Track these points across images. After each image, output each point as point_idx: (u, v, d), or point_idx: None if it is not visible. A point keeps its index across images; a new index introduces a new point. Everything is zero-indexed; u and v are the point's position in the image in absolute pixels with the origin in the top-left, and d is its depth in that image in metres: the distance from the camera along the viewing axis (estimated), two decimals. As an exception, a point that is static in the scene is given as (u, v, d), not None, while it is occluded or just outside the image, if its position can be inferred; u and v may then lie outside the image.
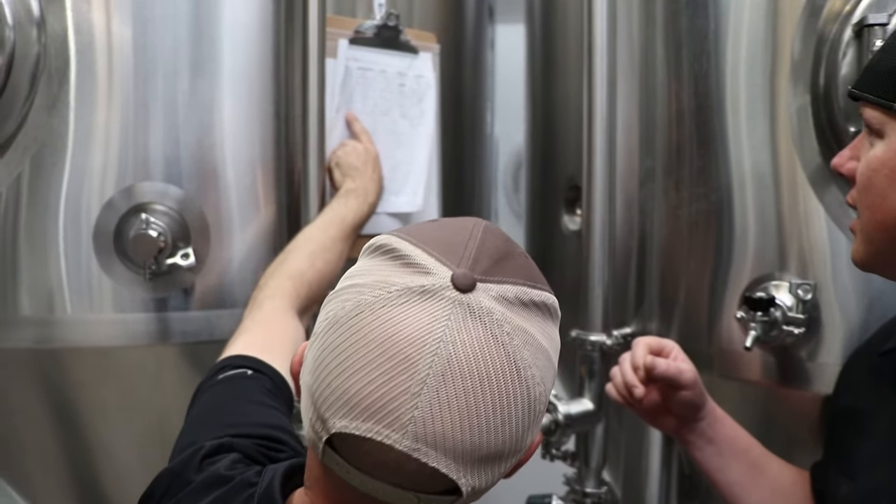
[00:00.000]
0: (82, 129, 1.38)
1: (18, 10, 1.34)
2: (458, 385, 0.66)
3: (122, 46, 1.40)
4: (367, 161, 1.47)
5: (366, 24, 1.52)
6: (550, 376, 0.73)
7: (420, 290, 0.68)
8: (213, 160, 1.45)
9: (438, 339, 0.66)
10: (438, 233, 0.75)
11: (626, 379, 1.19)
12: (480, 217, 1.89)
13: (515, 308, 0.70)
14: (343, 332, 0.69)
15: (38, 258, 1.39)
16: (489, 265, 0.72)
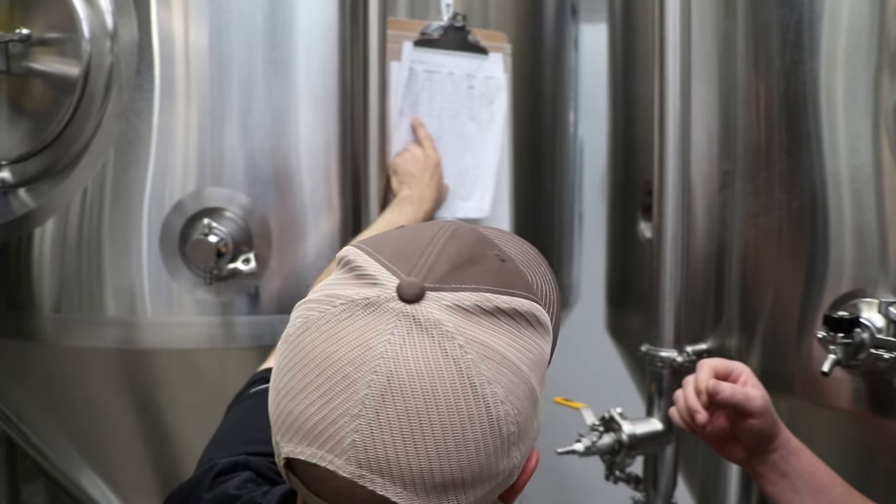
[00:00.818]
0: (162, 134, 1.40)
1: (94, 24, 1.37)
2: (399, 405, 0.59)
3: (198, 52, 1.41)
4: (426, 168, 1.42)
5: (432, 25, 1.47)
6: (521, 392, 0.64)
7: (364, 304, 0.62)
8: (284, 165, 1.44)
9: (378, 356, 0.60)
10: (398, 241, 0.69)
11: (689, 403, 1.09)
12: (562, 222, 1.84)
13: (474, 317, 0.63)
14: (290, 351, 0.64)
15: (120, 260, 1.42)
16: (446, 272, 0.65)
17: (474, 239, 0.70)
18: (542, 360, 0.68)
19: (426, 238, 0.68)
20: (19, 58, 1.42)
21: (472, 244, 0.69)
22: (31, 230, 1.45)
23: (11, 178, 1.47)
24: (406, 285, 0.62)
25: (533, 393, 0.65)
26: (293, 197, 1.45)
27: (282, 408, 0.63)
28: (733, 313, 1.35)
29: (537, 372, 0.66)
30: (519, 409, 0.63)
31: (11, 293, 1.48)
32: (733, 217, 1.33)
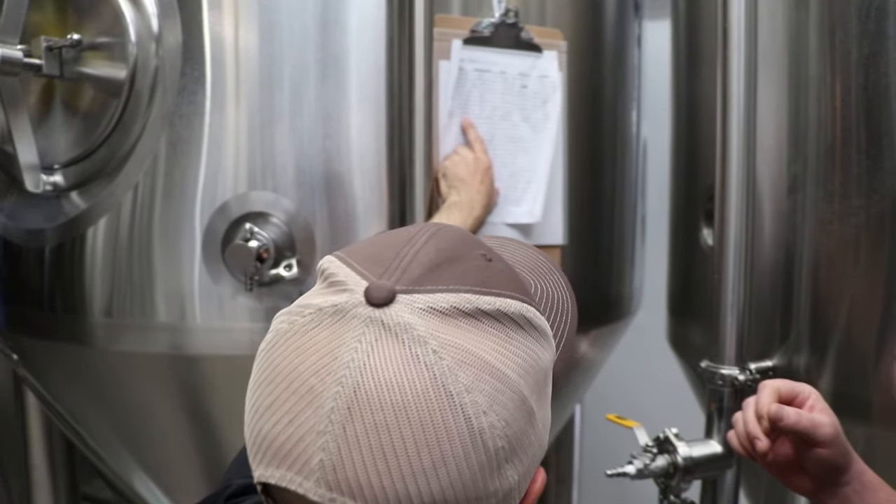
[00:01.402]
0: (211, 136, 1.38)
1: (140, 28, 1.36)
2: (368, 419, 0.53)
3: (248, 53, 1.38)
4: (476, 172, 1.35)
5: (483, 22, 1.40)
6: (509, 402, 0.57)
7: (332, 311, 0.57)
8: (332, 169, 1.40)
9: (344, 366, 0.54)
10: (375, 245, 0.64)
11: (748, 429, 0.99)
12: (623, 226, 1.75)
13: (451, 320, 0.57)
14: (260, 366, 0.59)
15: (171, 264, 1.40)
16: (421, 273, 0.59)
17: (457, 237, 0.64)
18: (536, 367, 0.60)
19: (404, 239, 0.62)
20: (71, 63, 1.42)
21: (454, 242, 0.63)
22: (83, 231, 1.45)
23: (63, 181, 1.47)
24: (374, 288, 0.57)
25: (525, 403, 0.58)
26: (340, 202, 1.40)
27: (252, 428, 0.58)
28: (803, 329, 1.24)
29: (530, 380, 0.59)
30: (507, 420, 0.57)
31: (66, 296, 1.49)
32: (803, 224, 1.23)
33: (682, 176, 1.61)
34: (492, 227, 1.44)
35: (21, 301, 1.56)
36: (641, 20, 1.82)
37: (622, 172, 1.75)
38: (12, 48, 1.36)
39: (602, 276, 1.72)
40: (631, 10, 1.76)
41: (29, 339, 1.58)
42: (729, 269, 1.21)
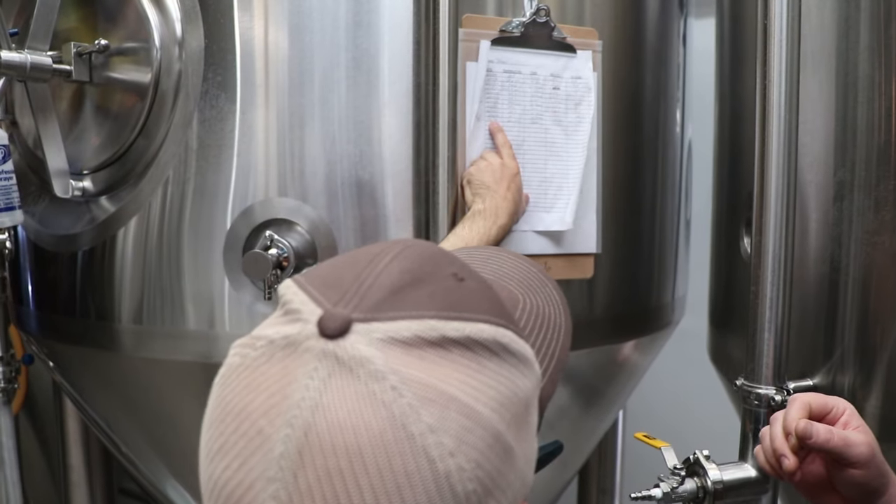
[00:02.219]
0: (241, 140, 1.36)
1: (164, 32, 1.35)
2: (320, 465, 0.49)
3: (277, 55, 1.36)
4: (502, 178, 1.30)
5: (513, 22, 1.35)
6: (479, 441, 0.52)
7: (283, 344, 0.53)
8: (361, 175, 1.36)
9: (295, 405, 0.50)
10: (336, 266, 0.59)
11: (775, 445, 0.93)
12: (664, 231, 1.67)
13: (414, 351, 0.52)
14: (212, 402, 0.56)
15: (199, 271, 1.38)
16: (382, 297, 0.54)
17: (425, 255, 0.59)
18: (514, 399, 0.55)
19: (366, 259, 0.57)
20: (100, 68, 1.43)
21: (422, 261, 0.58)
22: (112, 236, 1.45)
23: (93, 186, 1.48)
24: (327, 318, 0.52)
25: (500, 440, 0.53)
26: (367, 208, 1.37)
27: (204, 470, 0.55)
28: (848, 347, 1.16)
29: (506, 413, 0.54)
30: (478, 461, 0.52)
31: (96, 302, 1.49)
32: (850, 234, 1.15)
33: (725, 181, 1.53)
34: (521, 234, 1.39)
35: (52, 307, 1.57)
36: (687, 18, 1.75)
37: (664, 175, 1.68)
38: (42, 55, 1.38)
39: (641, 284, 1.65)
40: (675, 8, 1.69)
41: (61, 344, 1.60)
42: (767, 283, 1.14)
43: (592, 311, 1.55)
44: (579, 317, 1.53)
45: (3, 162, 1.48)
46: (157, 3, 1.37)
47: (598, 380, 1.70)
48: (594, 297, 1.55)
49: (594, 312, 1.56)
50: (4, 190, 1.48)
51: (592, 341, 1.59)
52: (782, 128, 1.12)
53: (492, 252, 0.89)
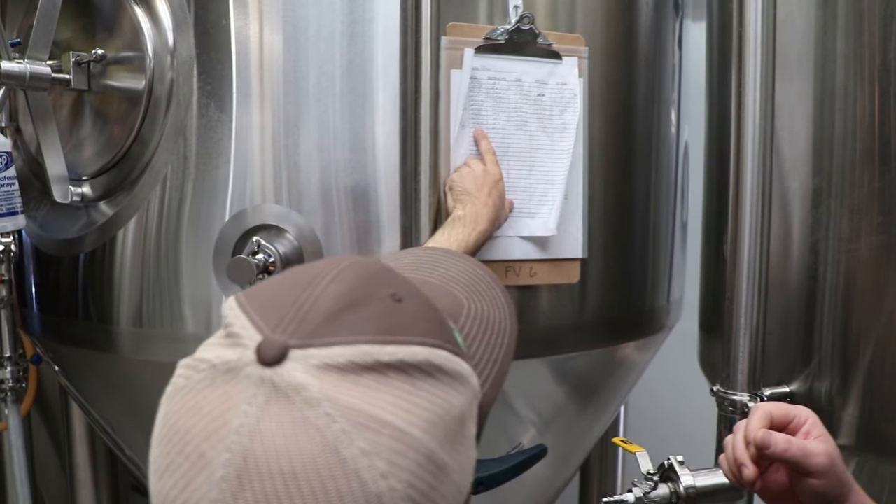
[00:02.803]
0: (237, 146, 1.39)
1: (156, 42, 1.39)
2: (257, 489, 0.52)
3: (272, 63, 1.39)
4: (484, 184, 1.32)
5: (498, 29, 1.38)
6: (411, 463, 0.55)
7: (224, 369, 0.56)
8: (355, 182, 1.38)
9: (234, 431, 0.53)
10: (277, 287, 0.61)
11: (736, 454, 0.94)
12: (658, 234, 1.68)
13: (349, 377, 0.54)
14: (160, 420, 0.59)
15: (197, 275, 1.42)
16: (319, 323, 0.57)
17: (364, 276, 0.61)
18: (448, 416, 0.58)
19: (305, 281, 0.60)
20: (98, 77, 1.47)
21: (359, 283, 0.60)
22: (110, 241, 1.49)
23: (91, 191, 1.53)
24: (265, 345, 0.55)
25: (433, 459, 0.56)
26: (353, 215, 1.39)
27: (153, 486, 0.58)
28: (825, 355, 1.17)
29: (439, 433, 0.57)
30: (409, 481, 0.55)
31: (96, 305, 1.54)
32: (826, 242, 1.15)
33: (714, 184, 1.54)
34: (506, 240, 1.41)
35: (55, 309, 1.62)
36: (683, 21, 1.76)
37: (657, 178, 1.69)
38: (41, 64, 1.42)
39: (634, 288, 1.66)
40: (670, 11, 1.70)
41: (63, 346, 1.65)
42: (742, 289, 1.15)
43: (584, 315, 1.57)
44: (571, 320, 1.56)
45: (6, 168, 1.53)
46: (150, 13, 1.41)
47: (593, 380, 1.71)
48: (586, 300, 1.56)
49: (585, 316, 1.57)
50: (7, 195, 1.53)
51: (584, 344, 1.61)
52: (757, 135, 1.13)
53: (440, 255, 0.92)
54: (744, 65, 1.13)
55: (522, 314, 1.49)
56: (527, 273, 1.42)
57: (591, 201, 1.53)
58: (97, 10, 1.47)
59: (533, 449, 1.37)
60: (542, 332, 1.53)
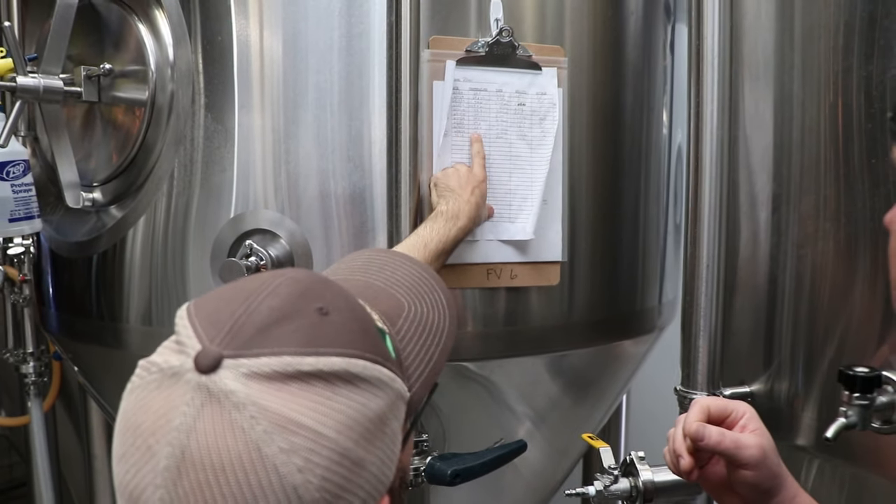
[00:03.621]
0: (239, 154, 1.49)
1: (158, 56, 1.50)
2: (192, 479, 0.61)
3: (273, 76, 1.48)
4: (467, 183, 1.39)
5: (479, 42, 1.45)
6: (325, 460, 0.63)
7: (170, 373, 0.65)
8: (346, 190, 1.47)
9: (175, 428, 0.62)
10: (220, 299, 0.70)
11: (675, 446, 1.00)
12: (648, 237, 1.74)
13: (273, 384, 0.63)
14: (120, 413, 0.68)
15: (200, 279, 1.51)
16: (251, 336, 0.66)
17: (297, 292, 0.70)
18: (364, 418, 0.67)
19: (244, 296, 0.69)
20: (107, 89, 1.59)
21: (291, 299, 0.69)
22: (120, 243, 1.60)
23: (102, 197, 1.64)
24: (202, 355, 0.64)
25: (347, 455, 0.65)
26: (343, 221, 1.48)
27: (113, 470, 0.68)
28: (785, 357, 1.22)
29: (354, 433, 0.66)
30: (323, 475, 0.63)
31: (107, 304, 1.65)
32: (784, 246, 1.20)
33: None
34: (486, 243, 1.48)
35: (70, 308, 1.75)
36: (675, 25, 1.81)
37: (647, 182, 1.74)
38: (54, 78, 1.54)
39: (623, 290, 1.72)
40: (660, 17, 1.75)
41: (78, 343, 1.77)
42: (700, 293, 1.21)
43: (572, 316, 1.64)
44: (560, 320, 1.63)
45: (23, 175, 1.66)
46: (152, 29, 1.51)
47: (585, 376, 1.78)
48: (574, 302, 1.63)
49: (574, 317, 1.64)
50: (24, 200, 1.66)
51: (573, 344, 1.68)
52: (714, 143, 1.19)
53: (390, 258, 1.01)
54: (702, 74, 1.19)
55: (514, 315, 1.57)
56: (507, 276, 1.49)
57: (578, 206, 1.60)
58: (105, 27, 1.58)
59: (511, 444, 1.45)
60: (532, 332, 1.61)
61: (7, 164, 1.62)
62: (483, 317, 1.55)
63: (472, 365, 1.58)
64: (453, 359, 1.48)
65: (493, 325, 1.56)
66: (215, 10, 1.47)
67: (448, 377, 1.53)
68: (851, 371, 0.97)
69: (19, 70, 1.51)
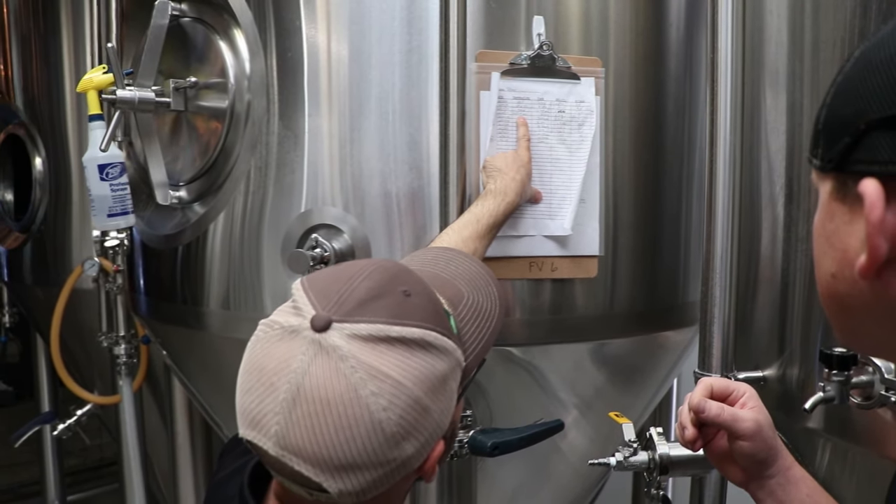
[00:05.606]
0: (309, 156, 1.71)
1: (237, 70, 1.74)
2: (303, 408, 0.84)
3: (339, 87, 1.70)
4: (513, 164, 1.58)
5: (522, 55, 1.64)
6: (403, 403, 0.86)
7: (290, 330, 0.88)
8: (412, 188, 1.67)
9: (293, 371, 0.85)
10: (328, 279, 0.93)
11: (681, 419, 1.16)
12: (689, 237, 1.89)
13: (368, 344, 0.86)
14: (246, 357, 0.91)
15: (272, 267, 1.74)
16: (352, 307, 0.88)
17: (386, 277, 0.93)
18: (432, 376, 0.89)
19: (346, 277, 0.92)
20: (192, 99, 1.84)
21: (383, 283, 0.92)
22: (203, 233, 1.84)
23: (187, 195, 1.89)
24: (316, 319, 0.87)
25: (419, 402, 0.88)
26: (406, 217, 1.68)
27: (238, 401, 0.91)
28: (795, 342, 1.36)
29: (425, 386, 0.88)
30: (401, 414, 0.86)
31: (191, 289, 1.90)
32: (798, 236, 1.35)
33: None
34: (529, 239, 1.67)
35: (158, 293, 2.01)
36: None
37: (689, 183, 1.90)
38: (147, 90, 1.79)
39: (664, 283, 1.88)
40: (703, 26, 1.90)
41: (164, 325, 2.03)
42: (715, 285, 1.37)
43: (613, 307, 1.81)
44: (602, 311, 1.80)
45: (120, 175, 1.93)
46: (231, 46, 1.75)
47: (628, 364, 1.94)
48: (615, 294, 1.80)
49: (615, 308, 1.81)
50: (121, 198, 1.93)
51: (614, 334, 1.85)
52: (727, 148, 1.35)
53: (454, 255, 1.25)
54: (716, 82, 1.35)
55: (558, 305, 1.76)
56: (549, 268, 1.67)
57: (619, 205, 1.77)
58: (191, 45, 1.83)
59: (549, 423, 1.64)
60: (575, 321, 1.79)
61: (107, 166, 1.89)
62: (529, 306, 1.74)
63: (517, 350, 1.76)
64: (501, 344, 1.70)
65: (538, 313, 1.75)
66: (287, 28, 1.70)
67: (495, 361, 1.74)
68: (829, 351, 1.12)
69: (119, 84, 1.78)
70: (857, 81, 0.66)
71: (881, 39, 0.66)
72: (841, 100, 0.68)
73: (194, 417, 2.32)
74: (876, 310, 0.68)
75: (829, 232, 0.70)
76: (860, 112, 0.65)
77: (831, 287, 0.72)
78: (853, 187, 0.65)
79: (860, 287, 0.68)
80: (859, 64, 0.67)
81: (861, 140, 0.64)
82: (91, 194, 1.92)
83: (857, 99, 0.66)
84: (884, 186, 0.63)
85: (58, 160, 2.81)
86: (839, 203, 0.69)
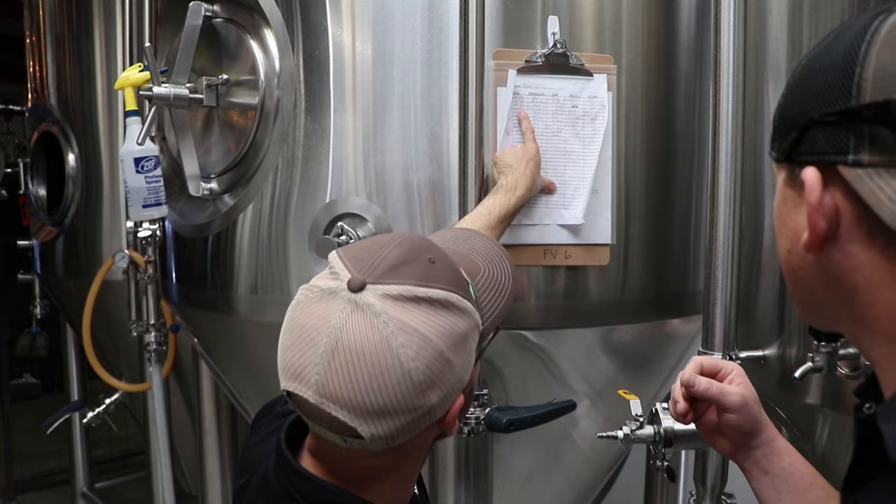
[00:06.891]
0: (334, 149, 1.84)
1: (266, 67, 1.87)
2: (341, 359, 0.96)
3: (364, 84, 1.83)
4: (522, 158, 1.69)
5: (537, 52, 1.76)
6: (429, 354, 0.98)
7: (329, 291, 1.00)
8: (432, 179, 1.79)
9: (332, 326, 0.97)
10: (362, 248, 1.06)
11: (674, 394, 1.26)
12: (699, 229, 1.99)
13: (398, 303, 0.98)
14: (288, 318, 1.03)
15: (298, 253, 1.87)
16: (384, 271, 1.00)
17: (413, 247, 1.05)
18: (454, 333, 1.01)
19: (378, 246, 1.05)
20: (224, 95, 1.96)
21: (411, 251, 1.04)
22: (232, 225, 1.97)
23: (218, 187, 2.02)
24: (352, 281, 0.99)
25: (443, 355, 1.00)
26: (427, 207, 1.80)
27: (280, 357, 1.03)
28: (794, 324, 1.47)
29: (448, 341, 1.00)
30: (427, 365, 0.98)
31: (221, 276, 2.03)
32: (790, 229, 1.46)
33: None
34: (544, 227, 1.78)
35: (189, 280, 2.14)
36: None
37: (700, 175, 2.00)
38: (182, 87, 1.93)
39: (674, 271, 1.99)
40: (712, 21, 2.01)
41: (194, 310, 2.16)
42: (718, 269, 1.47)
43: (624, 294, 1.92)
44: (612, 297, 1.91)
45: (154, 168, 2.06)
46: (262, 44, 1.88)
47: (638, 351, 2.05)
48: (627, 281, 1.91)
49: (626, 295, 1.92)
50: (155, 190, 2.06)
51: (625, 319, 1.96)
52: (729, 140, 1.46)
53: (472, 234, 1.38)
54: (719, 77, 1.46)
55: (572, 291, 1.87)
56: (562, 255, 1.79)
57: (631, 196, 1.88)
58: (223, 44, 1.96)
59: (563, 402, 1.75)
60: (587, 307, 1.90)
61: (142, 160, 2.02)
62: (544, 292, 1.85)
63: (531, 334, 1.88)
64: (516, 327, 1.81)
65: (552, 299, 1.86)
66: (314, 28, 1.83)
67: (511, 345, 1.85)
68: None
69: (154, 81, 1.91)
70: (802, 86, 0.81)
71: (821, 50, 0.81)
72: (789, 101, 0.83)
73: (221, 403, 2.45)
74: (821, 279, 0.82)
75: (783, 214, 0.85)
76: (803, 112, 0.79)
77: (787, 262, 0.87)
78: (799, 175, 0.80)
79: (809, 260, 0.82)
80: (804, 71, 0.82)
81: (804, 135, 0.79)
82: (127, 186, 2.05)
83: (801, 100, 0.80)
84: (821, 173, 0.77)
85: (89, 157, 2.96)
86: (790, 189, 0.83)
